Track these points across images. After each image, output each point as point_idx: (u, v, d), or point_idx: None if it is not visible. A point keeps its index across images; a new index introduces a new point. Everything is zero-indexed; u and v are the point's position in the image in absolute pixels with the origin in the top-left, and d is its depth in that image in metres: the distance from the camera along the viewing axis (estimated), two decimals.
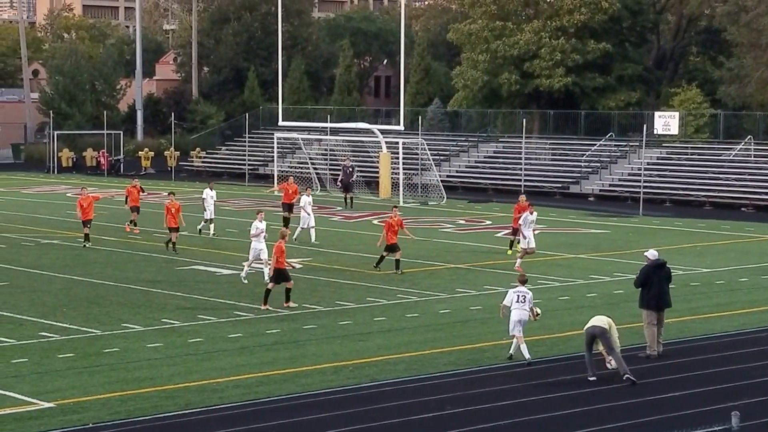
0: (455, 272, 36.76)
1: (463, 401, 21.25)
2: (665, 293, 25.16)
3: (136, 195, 46.28)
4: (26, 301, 30.58)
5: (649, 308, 24.95)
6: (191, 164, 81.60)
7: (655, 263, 25.26)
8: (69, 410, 20.23)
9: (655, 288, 25.02)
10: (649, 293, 25.02)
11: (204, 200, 45.16)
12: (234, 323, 28.18)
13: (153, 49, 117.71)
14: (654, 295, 25.00)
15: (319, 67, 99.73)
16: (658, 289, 25.03)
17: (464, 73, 77.21)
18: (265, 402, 21.07)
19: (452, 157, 73.37)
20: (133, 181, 47.98)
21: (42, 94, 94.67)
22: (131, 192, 46.35)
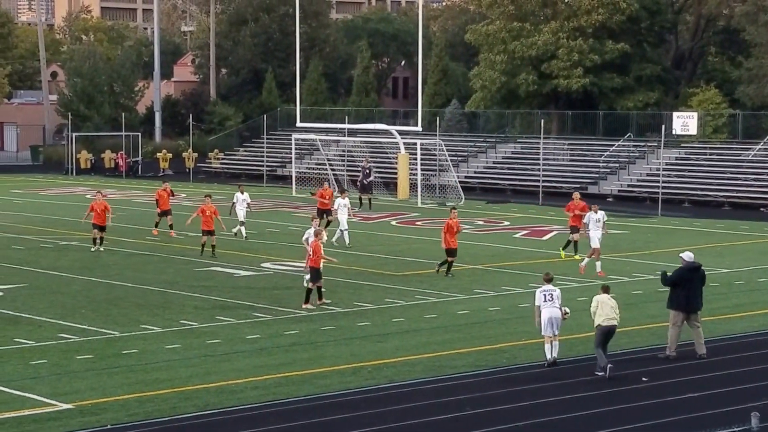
0: (473, 273, 36.71)
1: (482, 402, 21.20)
2: (697, 296, 25.10)
3: (166, 198, 45.57)
4: (45, 303, 30.64)
5: (678, 309, 24.89)
6: (209, 166, 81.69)
7: (689, 266, 25.20)
8: (88, 411, 20.26)
9: (686, 290, 24.98)
10: (680, 294, 24.98)
11: (234, 204, 44.72)
12: (252, 324, 28.18)
13: (171, 50, 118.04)
14: (685, 296, 24.97)
15: (336, 68, 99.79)
16: (689, 291, 24.98)
17: (482, 74, 77.13)
18: (283, 403, 21.05)
19: (470, 158, 73.31)
20: (163, 184, 47.19)
21: (60, 96, 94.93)
22: (161, 196, 45.57)
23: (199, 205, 41.51)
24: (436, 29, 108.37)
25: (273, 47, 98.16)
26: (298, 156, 72.02)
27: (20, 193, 64.34)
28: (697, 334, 25.04)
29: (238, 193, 45.11)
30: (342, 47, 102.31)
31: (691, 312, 24.92)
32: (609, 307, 23.65)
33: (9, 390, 21.60)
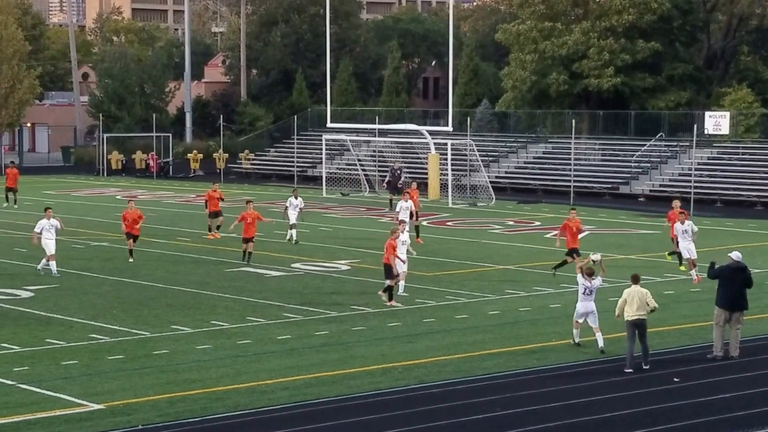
0: (504, 273, 36.62)
1: (513, 403, 21.12)
2: (740, 296, 25.08)
3: (216, 200, 45.06)
4: (76, 304, 30.74)
5: (721, 306, 24.93)
6: (240, 166, 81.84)
7: (734, 265, 25.21)
8: (118, 412, 20.29)
9: (729, 288, 25.00)
10: (724, 292, 25.05)
11: (287, 208, 44.14)
12: (283, 325, 28.18)
13: (202, 51, 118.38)
14: (728, 295, 24.99)
15: (367, 68, 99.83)
16: (733, 291, 24.99)
17: (513, 74, 76.98)
18: (314, 404, 21.03)
19: (501, 158, 73.17)
20: (213, 185, 46.66)
21: (91, 97, 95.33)
22: (211, 197, 45.10)
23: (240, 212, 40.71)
24: (467, 29, 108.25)
25: (303, 48, 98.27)
26: (328, 156, 72.05)
27: (52, 194, 64.61)
28: (734, 335, 24.95)
29: (292, 198, 44.33)
30: (372, 47, 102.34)
31: (734, 311, 24.84)
32: (639, 299, 23.83)
33: (40, 390, 21.66)
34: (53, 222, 36.16)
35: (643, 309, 23.85)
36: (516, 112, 78.57)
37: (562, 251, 38.07)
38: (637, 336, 23.80)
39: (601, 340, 25.14)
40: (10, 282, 34.03)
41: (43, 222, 36.03)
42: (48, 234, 35.68)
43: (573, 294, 32.72)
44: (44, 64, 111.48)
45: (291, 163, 77.06)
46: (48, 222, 36.00)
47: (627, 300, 23.96)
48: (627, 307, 23.89)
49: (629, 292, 24.08)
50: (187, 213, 54.56)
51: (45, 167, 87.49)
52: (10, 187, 57.40)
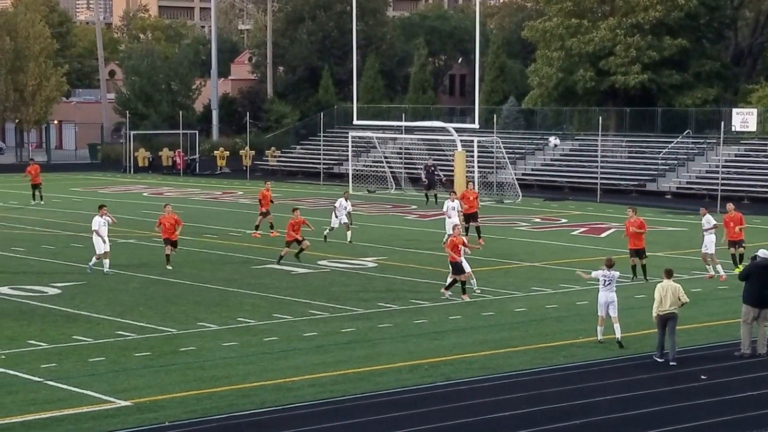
0: (531, 270, 36.55)
1: (539, 400, 21.08)
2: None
3: (269, 198, 44.89)
4: (103, 300, 30.83)
5: (749, 303, 24.90)
6: (266, 163, 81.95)
7: (762, 263, 25.16)
8: (145, 409, 20.34)
9: (757, 285, 24.93)
10: (751, 289, 24.99)
11: (336, 208, 43.42)
12: (309, 322, 28.20)
13: (228, 49, 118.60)
14: (756, 292, 24.91)
15: (393, 65, 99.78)
16: (761, 288, 24.92)
17: (539, 71, 76.83)
18: (340, 400, 21.03)
19: (527, 155, 73.02)
20: (266, 185, 46.43)
21: (118, 95, 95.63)
22: (265, 196, 44.82)
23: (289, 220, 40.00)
24: (493, 26, 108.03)
25: (330, 45, 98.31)
26: (354, 154, 72.03)
27: (79, 191, 64.85)
28: (762, 333, 24.87)
29: (342, 199, 43.51)
30: (399, 44, 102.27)
31: (762, 308, 24.76)
32: (671, 294, 24.03)
33: (68, 387, 21.74)
34: (107, 219, 35.86)
35: (675, 303, 24.04)
36: (542, 109, 78.39)
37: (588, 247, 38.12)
38: (667, 331, 23.93)
39: (618, 332, 25.22)
40: (37, 279, 34.17)
41: (99, 219, 35.63)
42: (102, 231, 35.36)
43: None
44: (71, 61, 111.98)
45: (317, 160, 77.11)
46: (102, 219, 35.60)
47: (662, 296, 24.11)
48: (662, 301, 24.08)
49: (662, 287, 24.24)
50: (214, 210, 54.68)
51: (72, 164, 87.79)
52: (35, 184, 57.57)
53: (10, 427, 19.19)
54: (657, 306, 24.19)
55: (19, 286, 32.76)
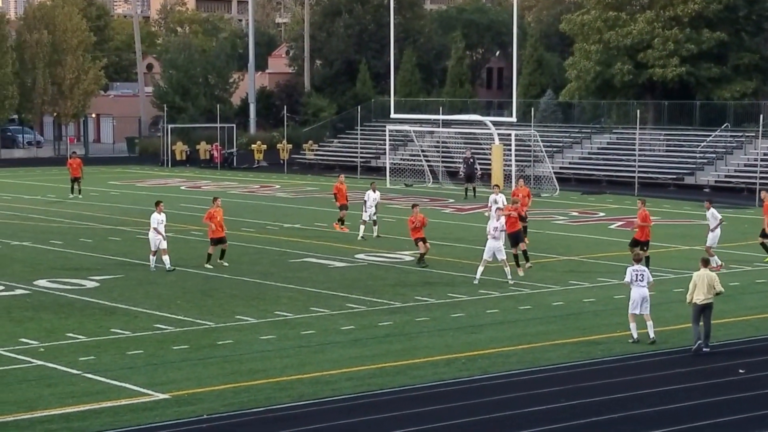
0: (568, 264, 36.43)
1: (577, 394, 21.02)
2: None
3: (344, 192, 44.53)
4: (141, 294, 30.95)
5: None
6: (303, 157, 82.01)
7: None
8: (183, 401, 20.40)
9: None
10: None
11: (365, 202, 42.83)
12: (346, 315, 28.20)
13: (265, 42, 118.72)
14: None
15: (431, 59, 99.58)
16: None
17: (577, 64, 76.45)
18: (378, 394, 21.04)
19: (565, 149, 72.76)
20: (339, 177, 46.09)
21: (156, 88, 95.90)
22: (339, 189, 44.54)
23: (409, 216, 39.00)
24: (531, 19, 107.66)
25: (367, 38, 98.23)
26: (392, 147, 71.93)
27: (117, 185, 65.13)
28: None
29: (370, 191, 42.80)
30: (436, 38, 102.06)
31: None
32: (707, 284, 24.19)
33: (106, 380, 21.84)
34: (163, 216, 35.40)
35: (710, 292, 24.20)
36: (580, 103, 78.06)
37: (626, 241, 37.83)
38: (702, 319, 24.19)
39: (651, 330, 25.07)
40: (76, 272, 34.34)
41: (157, 216, 35.10)
42: (161, 228, 34.83)
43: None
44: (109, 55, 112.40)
45: (354, 153, 77.10)
46: (160, 216, 35.16)
47: (697, 284, 24.29)
48: (696, 290, 24.26)
49: (698, 275, 24.41)
50: (251, 204, 54.80)
51: (110, 158, 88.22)
52: (75, 177, 57.83)
53: (49, 419, 19.31)
54: (691, 293, 24.37)
55: (58, 280, 32.94)
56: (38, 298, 30.16)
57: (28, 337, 25.44)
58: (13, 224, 46.34)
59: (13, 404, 20.15)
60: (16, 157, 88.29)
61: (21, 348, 24.43)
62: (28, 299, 30.06)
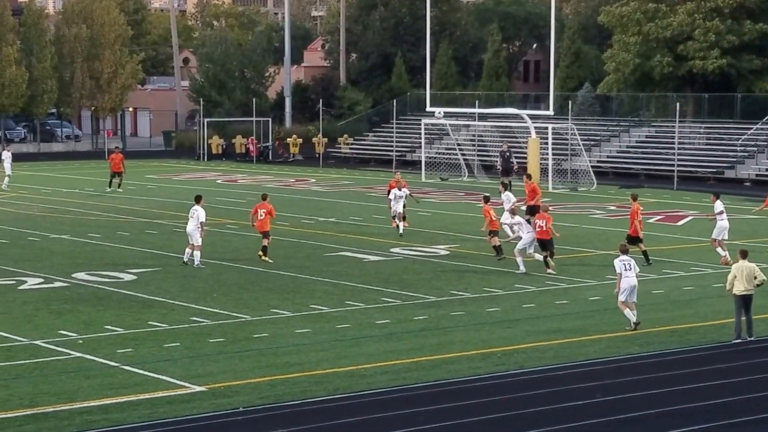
0: (605, 259, 36.16)
1: (613, 389, 20.91)
2: None
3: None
4: (178, 287, 31.03)
5: None
6: (339, 151, 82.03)
7: None
8: (220, 394, 20.44)
9: None
10: None
11: (390, 200, 42.30)
12: (381, 309, 28.18)
13: (301, 36, 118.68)
14: None
15: (467, 52, 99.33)
16: None
17: (615, 56, 76.02)
18: (413, 388, 21.00)
19: (603, 142, 72.43)
20: (396, 175, 45.13)
21: (192, 82, 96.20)
22: (393, 186, 43.15)
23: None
24: (569, 11, 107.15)
25: (403, 31, 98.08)
26: (427, 141, 71.88)
27: (153, 178, 65.37)
28: None
29: (395, 190, 42.08)
30: (473, 30, 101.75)
31: None
32: (746, 275, 24.39)
33: (143, 372, 21.91)
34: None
35: (750, 283, 24.38)
36: (618, 96, 77.65)
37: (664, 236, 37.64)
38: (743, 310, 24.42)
39: (634, 317, 25.79)
40: (114, 265, 34.47)
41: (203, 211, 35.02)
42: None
43: (675, 280, 32.46)
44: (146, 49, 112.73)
45: (390, 147, 77.05)
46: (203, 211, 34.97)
47: (736, 275, 24.50)
48: (736, 281, 24.49)
49: (738, 266, 24.59)
50: (287, 197, 54.85)
51: (147, 152, 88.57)
52: (116, 172, 57.95)
53: (87, 410, 19.39)
54: (730, 283, 24.61)
55: (96, 272, 33.08)
56: (77, 291, 30.30)
57: (67, 329, 25.57)
58: (52, 217, 46.60)
59: (52, 395, 20.25)
60: (55, 150, 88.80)
61: (60, 340, 24.56)
62: (67, 292, 30.21)
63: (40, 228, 42.94)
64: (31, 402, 19.82)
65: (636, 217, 35.14)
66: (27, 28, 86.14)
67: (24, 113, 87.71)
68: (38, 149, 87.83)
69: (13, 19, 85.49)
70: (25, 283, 31.38)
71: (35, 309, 27.86)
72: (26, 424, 18.63)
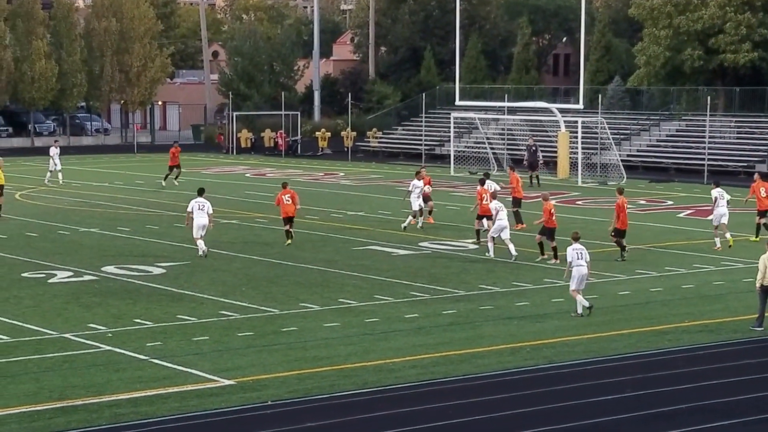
0: (635, 253, 36.05)
1: (643, 384, 20.80)
2: None
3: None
4: (206, 281, 31.06)
5: None
6: (367, 144, 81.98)
7: None
8: (248, 388, 20.44)
9: None
10: None
11: (411, 192, 41.81)
12: (410, 303, 28.13)
13: (330, 29, 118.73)
14: None
15: (496, 45, 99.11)
16: None
17: (646, 50, 75.67)
18: (441, 382, 20.95)
19: (633, 136, 72.13)
20: (421, 171, 43.70)
21: (221, 76, 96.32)
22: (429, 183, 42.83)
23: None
24: (599, 5, 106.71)
25: (432, 25, 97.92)
26: (456, 135, 71.74)
27: (183, 172, 65.37)
28: None
29: (415, 180, 41.83)
30: (502, 24, 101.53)
31: None
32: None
33: (172, 365, 21.94)
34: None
35: None
36: (649, 89, 77.30)
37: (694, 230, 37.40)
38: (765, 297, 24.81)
39: (580, 306, 26.48)
40: (143, 259, 34.55)
41: None
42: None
43: (707, 274, 32.31)
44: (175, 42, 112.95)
45: (419, 141, 76.97)
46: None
47: (765, 266, 24.71)
48: (759, 273, 24.81)
49: (765, 257, 24.71)
50: (315, 191, 54.86)
51: None
52: (173, 165, 57.74)
53: (117, 403, 19.43)
54: (760, 277, 24.70)
55: (125, 266, 33.15)
56: (106, 284, 30.38)
57: (97, 322, 25.64)
58: (81, 211, 46.76)
59: (82, 388, 20.31)
60: (84, 144, 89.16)
61: (89, 333, 24.62)
62: (97, 285, 30.29)
63: (69, 221, 43.09)
64: (60, 395, 19.88)
65: (621, 210, 35.23)
66: (57, 21, 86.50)
67: (53, 107, 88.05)
68: (68, 143, 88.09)
69: (43, 13, 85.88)
70: (55, 276, 31.49)
71: (65, 302, 27.95)
72: (56, 417, 18.69)
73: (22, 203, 49.36)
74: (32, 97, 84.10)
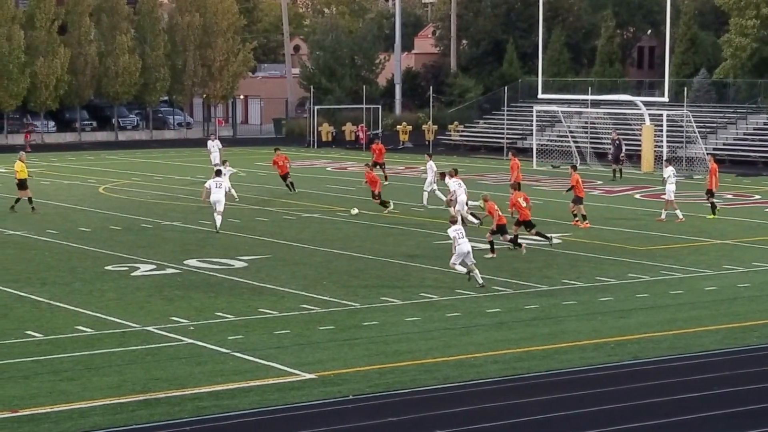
0: (722, 248, 35.52)
1: (731, 381, 20.44)
2: None
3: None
4: (288, 274, 31.07)
5: None
6: (449, 138, 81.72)
7: None
8: (329, 382, 20.37)
9: None
10: None
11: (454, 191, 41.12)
12: (492, 298, 27.91)
13: (412, 22, 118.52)
14: None
15: (579, 38, 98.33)
16: None
17: (732, 41, 74.54)
18: (523, 378, 20.74)
19: (719, 130, 71.12)
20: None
21: (303, 69, 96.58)
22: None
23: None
24: None
25: (514, 17, 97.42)
26: (539, 128, 71.25)
27: (264, 166, 65.62)
28: None
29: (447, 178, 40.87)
30: (586, 16, 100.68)
31: None
32: None
33: (254, 359, 21.94)
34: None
35: None
36: (735, 82, 76.15)
37: None
38: None
39: (479, 277, 28.62)
40: (224, 252, 34.65)
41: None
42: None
43: None
44: (257, 36, 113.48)
45: (501, 134, 76.60)
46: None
47: None
48: None
49: None
50: (396, 185, 54.75)
51: (257, 139, 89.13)
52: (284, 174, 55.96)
53: (198, 396, 19.46)
54: None
55: (207, 259, 33.28)
56: (188, 278, 30.51)
57: (179, 315, 25.73)
58: (163, 204, 47.09)
59: (164, 381, 20.37)
60: (167, 138, 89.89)
61: (172, 326, 24.71)
62: (179, 278, 30.43)
63: (152, 215, 43.40)
64: (143, 388, 19.95)
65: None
66: (141, 16, 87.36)
67: (137, 101, 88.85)
68: (150, 137, 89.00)
69: (127, 8, 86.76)
70: (138, 269, 31.69)
71: (148, 295, 28.10)
72: (139, 410, 18.74)
73: (106, 197, 49.83)
74: (116, 92, 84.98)
